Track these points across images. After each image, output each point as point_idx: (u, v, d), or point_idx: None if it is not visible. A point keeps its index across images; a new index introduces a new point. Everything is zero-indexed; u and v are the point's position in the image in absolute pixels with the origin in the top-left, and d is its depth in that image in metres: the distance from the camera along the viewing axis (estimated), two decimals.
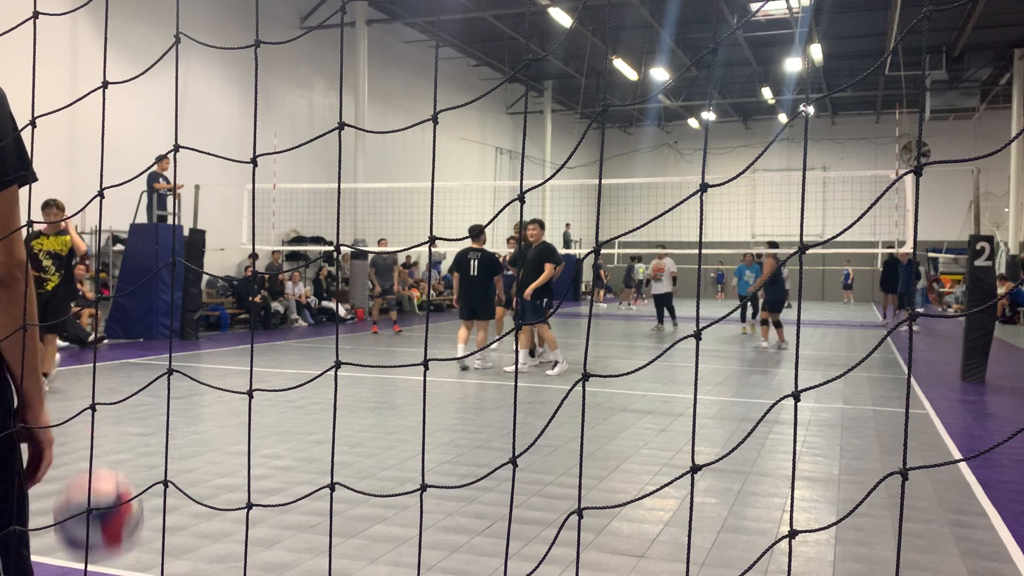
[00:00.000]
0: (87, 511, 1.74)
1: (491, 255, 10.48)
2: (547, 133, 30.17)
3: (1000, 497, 4.82)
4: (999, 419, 7.62)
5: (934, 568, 3.67)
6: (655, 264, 16.93)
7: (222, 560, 3.60)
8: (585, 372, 1.31)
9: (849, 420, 7.19)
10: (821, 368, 10.90)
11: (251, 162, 1.58)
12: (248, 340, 13.40)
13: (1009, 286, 17.88)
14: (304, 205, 18.69)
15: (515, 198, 1.38)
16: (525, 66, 1.38)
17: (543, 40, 23.47)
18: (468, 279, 10.31)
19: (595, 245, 1.33)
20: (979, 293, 9.87)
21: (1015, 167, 23.16)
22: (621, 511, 4.38)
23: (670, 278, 16.81)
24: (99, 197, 1.71)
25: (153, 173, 13.44)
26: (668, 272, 16.67)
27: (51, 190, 13.17)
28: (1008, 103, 25.32)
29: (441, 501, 4.51)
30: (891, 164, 29.99)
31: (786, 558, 3.69)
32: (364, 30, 19.82)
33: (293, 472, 5.15)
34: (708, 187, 1.28)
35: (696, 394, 1.22)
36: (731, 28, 3.18)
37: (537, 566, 1.41)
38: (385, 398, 8.04)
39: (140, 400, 7.30)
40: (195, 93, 16.14)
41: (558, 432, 6.37)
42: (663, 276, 16.67)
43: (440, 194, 18.70)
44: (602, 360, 11.58)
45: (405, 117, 22.60)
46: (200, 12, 16.09)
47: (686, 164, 34.59)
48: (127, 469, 5.16)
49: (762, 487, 4.94)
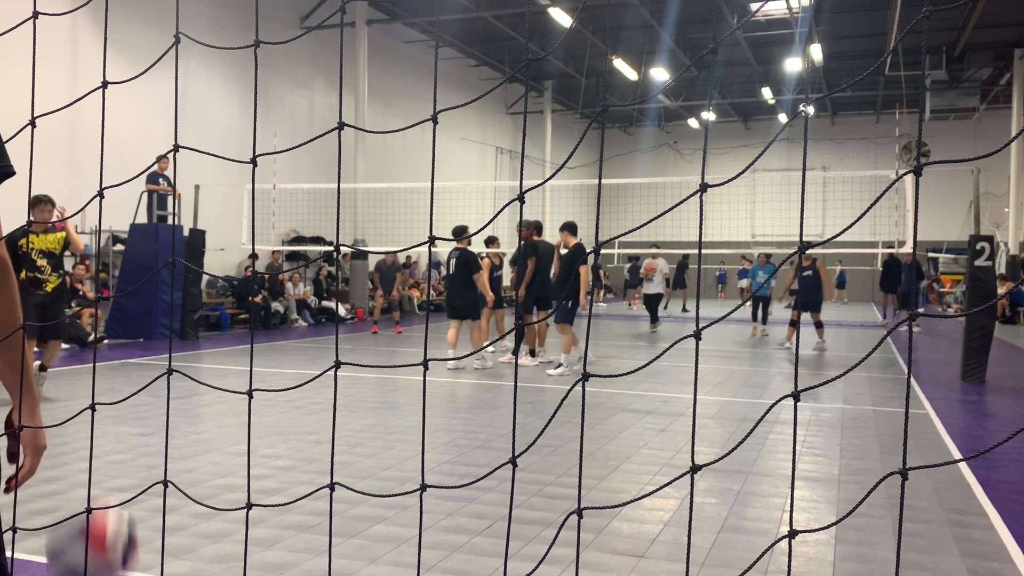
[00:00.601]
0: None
1: (469, 254, 10.47)
2: (547, 133, 30.17)
3: (1000, 497, 4.82)
4: (999, 419, 7.62)
5: (934, 568, 3.67)
6: (647, 264, 16.81)
7: (222, 560, 3.60)
8: (585, 372, 1.31)
9: (849, 420, 7.19)
10: (821, 368, 10.90)
11: (251, 162, 1.58)
12: (248, 340, 13.40)
13: (1009, 286, 17.87)
14: (304, 205, 18.69)
15: (515, 198, 1.38)
16: (525, 66, 1.38)
17: (543, 40, 23.46)
18: (448, 278, 10.61)
19: (595, 245, 1.33)
20: (979, 293, 9.87)
21: (1015, 167, 23.15)
22: (621, 511, 4.38)
23: (663, 279, 16.72)
24: (99, 197, 1.71)
25: (153, 173, 13.44)
26: (660, 272, 16.57)
27: (51, 190, 13.17)
28: (1008, 103, 25.31)
29: (441, 501, 4.51)
30: (891, 164, 29.99)
31: (786, 558, 3.68)
32: (364, 30, 19.82)
33: (293, 472, 5.15)
34: (708, 187, 1.28)
35: (696, 394, 1.22)
36: (731, 28, 3.18)
37: (537, 566, 1.41)
38: (385, 398, 8.04)
39: (140, 400, 7.30)
40: (195, 93, 16.14)
41: (558, 432, 6.37)
42: (655, 276, 16.56)
43: (440, 194, 18.70)
44: (602, 360, 11.58)
45: (405, 117, 22.59)
46: (200, 12, 16.09)
47: (686, 164, 34.59)
48: (127, 469, 5.16)
49: (762, 487, 4.94)
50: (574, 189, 30.06)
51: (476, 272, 10.35)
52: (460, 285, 10.34)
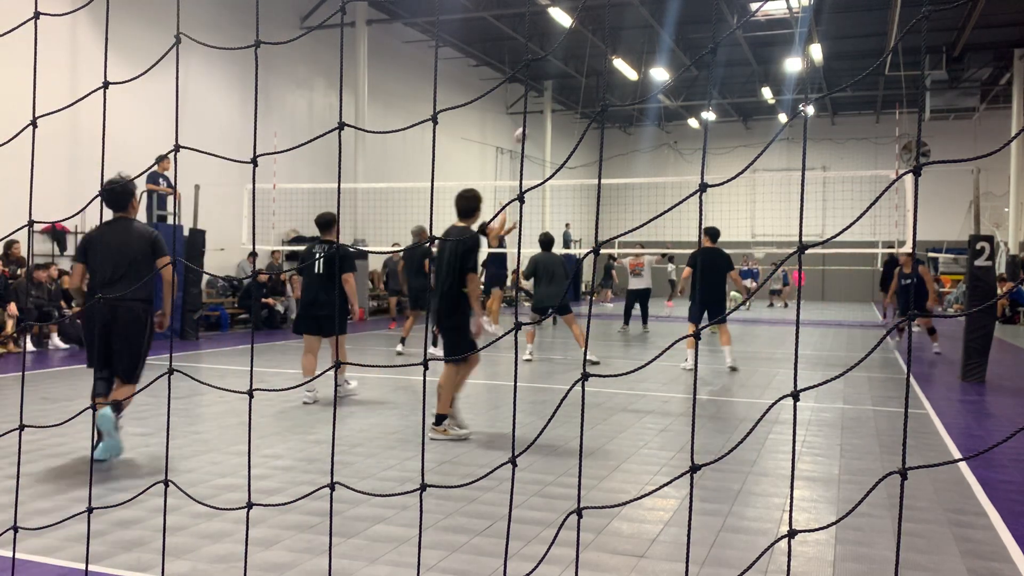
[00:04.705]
0: (88, 509, 1.74)
1: (343, 249, 8.30)
2: (547, 133, 30.17)
3: (1000, 497, 4.82)
4: (999, 419, 7.62)
5: (934, 568, 3.67)
6: (632, 260, 16.14)
7: (222, 560, 3.61)
8: (585, 372, 1.31)
9: (849, 420, 7.19)
10: (821, 368, 10.90)
11: (251, 162, 1.59)
12: (248, 340, 13.40)
13: (1009, 286, 17.85)
14: (304, 205, 18.69)
15: (515, 198, 1.38)
16: (525, 66, 1.38)
17: (543, 40, 23.47)
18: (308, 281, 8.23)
19: (595, 245, 1.34)
20: (979, 293, 9.87)
21: (1015, 167, 23.16)
22: (621, 511, 4.38)
23: (651, 274, 16.22)
24: (100, 197, 1.71)
25: (153, 173, 13.44)
26: (648, 267, 16.05)
27: (51, 190, 13.19)
28: (1008, 103, 25.31)
29: (441, 501, 4.51)
30: (891, 164, 29.99)
31: (786, 558, 3.68)
32: (364, 30, 19.82)
33: (293, 472, 5.15)
34: (708, 187, 1.28)
35: (696, 394, 1.22)
36: (731, 28, 3.18)
37: (537, 566, 1.41)
38: (385, 398, 8.04)
39: (140, 400, 7.30)
40: (195, 93, 16.15)
41: (558, 432, 6.37)
42: (643, 271, 15.96)
43: (440, 194, 18.58)
44: (602, 360, 11.57)
45: (405, 117, 22.60)
46: (200, 12, 16.09)
47: (686, 164, 34.59)
48: (127, 469, 5.16)
49: (762, 487, 4.94)
50: (574, 189, 30.06)
51: (348, 272, 7.96)
52: (327, 290, 7.89)
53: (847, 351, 13.46)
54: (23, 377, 2.00)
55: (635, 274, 16.13)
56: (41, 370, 9.73)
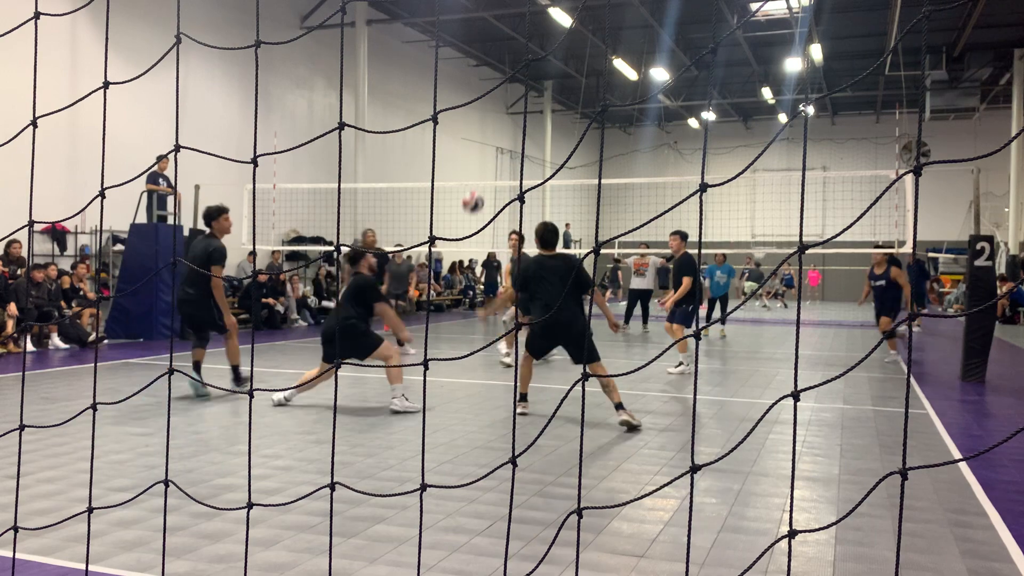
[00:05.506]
0: (87, 510, 1.74)
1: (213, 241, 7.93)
2: (547, 133, 30.18)
3: (1000, 497, 4.82)
4: (999, 419, 7.62)
5: (934, 568, 3.67)
6: (637, 260, 16.14)
7: (222, 560, 3.61)
8: (585, 372, 1.31)
9: (849, 420, 7.19)
10: (821, 368, 10.90)
11: (251, 162, 1.59)
12: (248, 340, 13.40)
13: (1009, 286, 17.86)
14: (304, 205, 18.70)
15: (515, 198, 1.38)
16: (525, 66, 1.39)
17: (543, 40, 23.47)
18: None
19: (595, 245, 1.34)
20: (979, 293, 9.87)
21: (1015, 167, 23.17)
22: (621, 511, 4.38)
23: (655, 275, 16.24)
24: (100, 197, 1.71)
25: (153, 173, 13.45)
26: (653, 268, 16.06)
27: (51, 190, 13.19)
28: (1008, 103, 25.32)
29: (441, 501, 4.51)
30: (891, 164, 30.00)
31: (786, 558, 3.69)
32: (364, 30, 19.83)
33: (293, 472, 5.15)
34: (708, 187, 1.28)
35: (696, 394, 1.22)
36: (731, 28, 3.18)
37: (537, 566, 1.41)
38: (385, 398, 8.04)
39: (140, 400, 7.30)
40: (195, 93, 16.15)
41: (558, 432, 6.37)
42: (647, 271, 15.95)
43: (440, 194, 18.70)
44: (603, 360, 11.55)
45: (405, 117, 22.60)
46: (200, 12, 16.09)
47: (686, 164, 34.60)
48: (128, 469, 5.16)
49: (762, 487, 4.94)
50: (574, 189, 30.06)
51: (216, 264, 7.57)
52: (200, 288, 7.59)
53: (847, 351, 13.46)
54: (23, 377, 2.01)
55: (638, 274, 16.18)
56: (41, 370, 9.73)
